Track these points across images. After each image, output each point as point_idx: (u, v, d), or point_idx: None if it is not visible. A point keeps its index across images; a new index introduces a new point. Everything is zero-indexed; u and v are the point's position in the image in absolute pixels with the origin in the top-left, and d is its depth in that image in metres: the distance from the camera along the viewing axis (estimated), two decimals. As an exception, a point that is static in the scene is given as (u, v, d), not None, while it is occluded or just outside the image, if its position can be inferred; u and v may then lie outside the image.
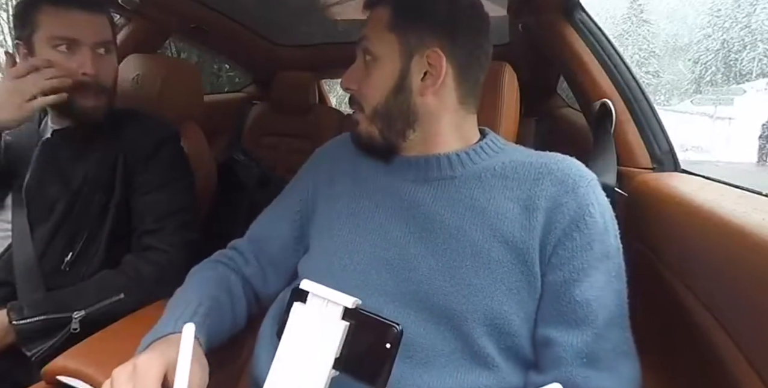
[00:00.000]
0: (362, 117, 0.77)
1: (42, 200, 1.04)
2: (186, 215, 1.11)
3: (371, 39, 0.74)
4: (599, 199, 0.69)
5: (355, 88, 0.77)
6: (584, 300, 0.64)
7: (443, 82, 0.73)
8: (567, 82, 1.31)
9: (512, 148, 0.79)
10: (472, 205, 0.70)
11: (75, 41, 1.01)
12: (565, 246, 0.65)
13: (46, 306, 0.92)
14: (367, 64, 0.75)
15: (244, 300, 0.82)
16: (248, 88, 2.69)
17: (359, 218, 0.76)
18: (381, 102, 0.74)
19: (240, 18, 2.06)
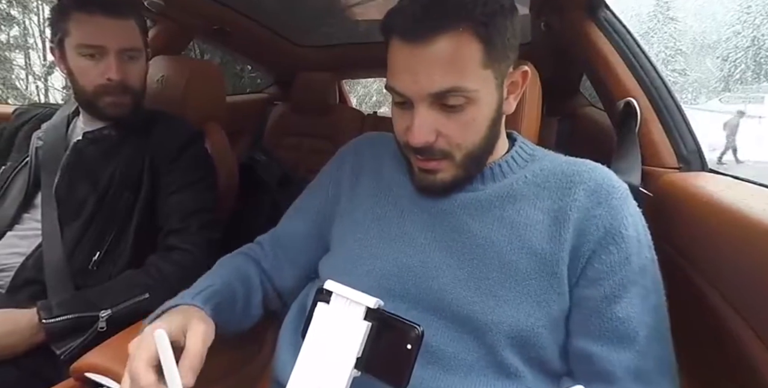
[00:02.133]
0: (449, 165, 0.69)
1: (71, 199, 1.07)
2: (209, 214, 1.14)
3: (467, 85, 0.63)
4: (632, 210, 0.67)
5: (433, 139, 0.66)
6: (625, 317, 0.63)
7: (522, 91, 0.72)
8: (590, 81, 1.29)
9: (542, 153, 0.77)
10: (501, 216, 0.69)
11: (101, 48, 1.06)
12: (601, 260, 0.64)
13: (74, 305, 0.94)
14: (452, 110, 0.65)
15: (260, 290, 0.84)
16: (270, 88, 2.71)
17: (384, 223, 0.76)
18: (479, 143, 0.68)
19: (262, 19, 2.08)
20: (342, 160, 0.90)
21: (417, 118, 0.65)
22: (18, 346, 0.91)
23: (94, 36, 1.05)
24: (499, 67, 0.66)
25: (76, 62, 1.07)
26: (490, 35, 0.63)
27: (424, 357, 0.53)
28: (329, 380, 0.53)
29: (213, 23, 1.89)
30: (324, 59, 2.42)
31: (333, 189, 0.86)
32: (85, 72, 1.07)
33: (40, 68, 10.86)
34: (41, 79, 10.77)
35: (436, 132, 0.66)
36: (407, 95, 0.65)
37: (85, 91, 1.09)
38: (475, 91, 0.64)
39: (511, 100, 0.71)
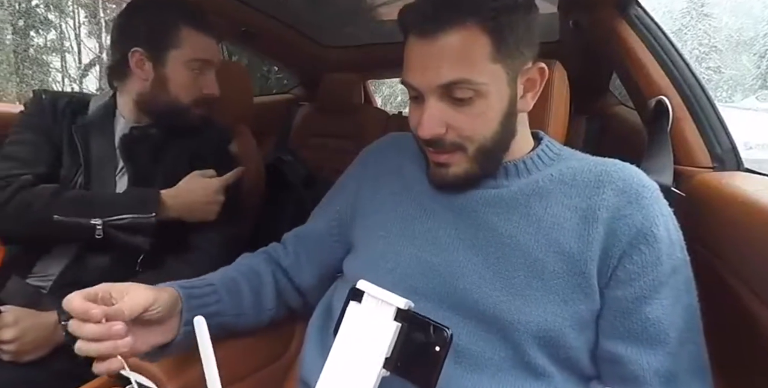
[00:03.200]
0: (461, 158, 0.69)
1: None
2: (230, 210, 1.13)
3: (475, 78, 0.64)
4: (663, 210, 0.66)
5: (443, 132, 0.67)
6: (656, 318, 0.62)
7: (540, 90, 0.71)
8: (620, 80, 1.27)
9: (569, 153, 0.76)
10: (527, 213, 0.68)
11: (208, 63, 1.12)
12: (633, 260, 0.63)
13: None
14: (461, 103, 0.66)
15: (272, 286, 0.84)
16: (296, 89, 2.73)
17: (407, 221, 0.75)
18: (490, 137, 0.68)
19: (288, 21, 2.10)
20: (365, 160, 0.90)
21: (426, 110, 0.66)
22: (42, 346, 0.93)
23: (206, 52, 1.11)
24: (512, 62, 0.66)
25: (179, 74, 1.09)
26: (500, 30, 0.64)
27: (451, 356, 0.53)
28: (358, 378, 0.53)
29: (241, 25, 1.92)
30: (349, 60, 2.43)
31: (356, 189, 0.86)
32: (186, 85, 1.10)
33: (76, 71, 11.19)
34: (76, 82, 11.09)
35: (445, 124, 0.67)
36: (417, 88, 0.67)
37: (177, 101, 1.10)
38: (483, 84, 0.64)
39: (528, 98, 0.71)
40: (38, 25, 11.08)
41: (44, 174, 1.05)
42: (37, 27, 11.08)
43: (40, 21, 11.11)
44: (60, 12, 11.31)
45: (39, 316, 0.94)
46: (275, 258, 0.88)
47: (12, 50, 10.55)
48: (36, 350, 0.93)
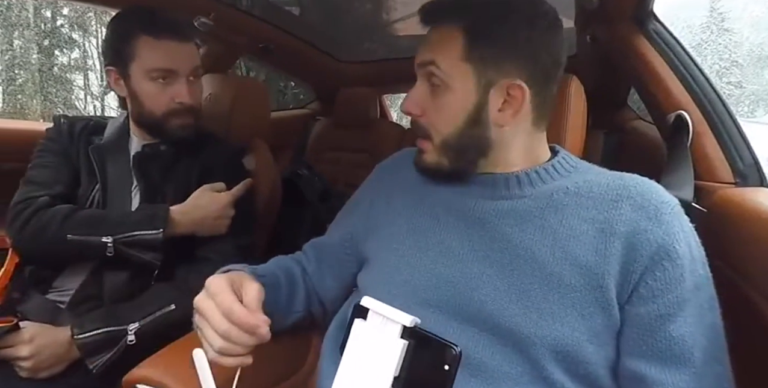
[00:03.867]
0: (429, 146, 0.74)
1: None
2: (241, 223, 1.14)
3: (442, 67, 0.69)
4: (684, 226, 0.64)
5: (418, 113, 0.73)
6: (680, 336, 0.60)
7: (522, 109, 0.70)
8: (638, 94, 1.26)
9: (586, 167, 0.75)
10: (542, 225, 0.67)
11: (172, 72, 1.07)
12: (655, 276, 0.61)
13: (103, 320, 0.96)
14: (434, 90, 0.71)
15: (304, 288, 0.85)
16: (312, 104, 2.76)
17: (419, 233, 0.75)
18: (453, 133, 0.71)
19: (306, 37, 2.13)
20: (380, 174, 0.91)
21: (413, 88, 0.74)
22: (58, 362, 0.94)
23: (166, 60, 1.07)
24: (485, 68, 0.68)
25: (143, 86, 1.08)
26: (475, 35, 0.68)
27: (467, 369, 0.53)
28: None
29: (259, 41, 1.95)
30: (366, 75, 2.45)
31: (370, 204, 0.86)
32: (154, 96, 1.08)
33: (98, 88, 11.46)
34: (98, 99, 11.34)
35: (421, 107, 0.73)
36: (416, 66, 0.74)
37: (152, 114, 1.10)
38: (449, 76, 0.69)
39: (507, 114, 0.70)
40: (62, 44, 11.40)
41: (62, 194, 1.08)
42: (62, 46, 11.40)
43: (65, 40, 11.43)
44: (84, 31, 11.62)
45: (55, 332, 0.95)
46: (302, 263, 0.89)
47: (37, 69, 10.85)
48: (52, 367, 0.94)
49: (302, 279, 0.86)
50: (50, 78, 11.16)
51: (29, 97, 10.78)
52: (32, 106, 10.71)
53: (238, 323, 0.59)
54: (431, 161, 0.74)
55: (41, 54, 11.06)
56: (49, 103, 11.00)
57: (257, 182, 1.33)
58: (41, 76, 10.92)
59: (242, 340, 0.60)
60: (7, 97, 10.94)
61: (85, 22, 11.50)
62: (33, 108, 10.68)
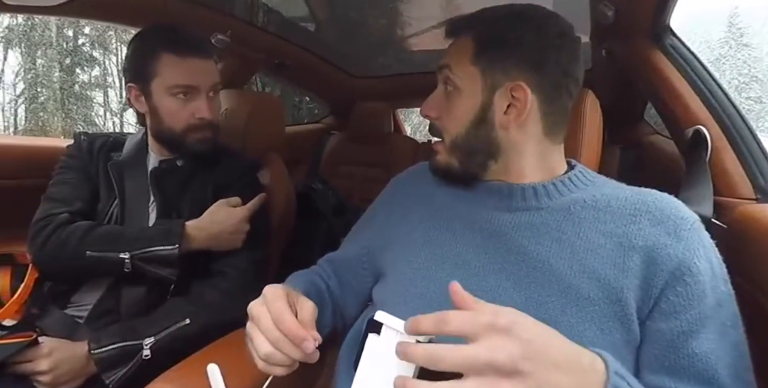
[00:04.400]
0: (442, 147, 0.77)
1: None
2: (256, 238, 1.14)
3: (454, 70, 0.73)
4: (705, 242, 0.63)
5: (434, 115, 0.77)
6: (703, 353, 0.58)
7: (528, 115, 0.71)
8: (655, 109, 1.25)
9: (603, 180, 0.75)
10: (559, 237, 0.66)
11: (193, 88, 1.09)
12: (677, 292, 0.60)
13: (119, 334, 0.96)
14: (448, 94, 0.75)
15: (330, 303, 0.85)
16: (327, 118, 2.78)
17: (436, 246, 0.75)
18: (461, 134, 0.73)
19: (321, 52, 2.16)
20: (395, 188, 0.91)
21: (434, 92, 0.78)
22: (75, 377, 0.94)
23: (187, 77, 1.08)
24: (491, 71, 0.71)
25: (164, 102, 1.09)
26: (486, 42, 0.71)
27: None
28: None
29: (274, 57, 1.98)
30: (380, 89, 2.47)
31: (385, 218, 0.86)
32: (174, 111, 1.09)
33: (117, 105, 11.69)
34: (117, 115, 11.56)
35: (436, 110, 0.76)
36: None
37: (172, 130, 1.10)
38: (459, 79, 0.73)
39: (512, 116, 0.71)
40: (83, 62, 11.69)
41: (82, 210, 1.10)
42: (83, 64, 11.68)
43: (86, 59, 11.72)
44: (104, 49, 11.91)
45: (73, 347, 0.95)
46: (324, 278, 0.88)
47: (59, 87, 11.10)
48: (70, 381, 0.94)
49: (328, 294, 0.85)
50: (71, 95, 11.42)
51: (51, 114, 11.03)
52: (53, 124, 10.95)
53: (289, 332, 0.59)
54: (442, 161, 0.77)
55: (63, 72, 11.35)
56: (69, 120, 11.24)
57: (272, 196, 1.34)
58: (62, 94, 11.18)
59: (289, 350, 0.59)
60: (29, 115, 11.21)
61: (105, 41, 11.79)
62: (54, 125, 10.92)
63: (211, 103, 1.12)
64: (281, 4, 1.85)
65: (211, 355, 0.88)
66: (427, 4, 1.88)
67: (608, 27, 1.17)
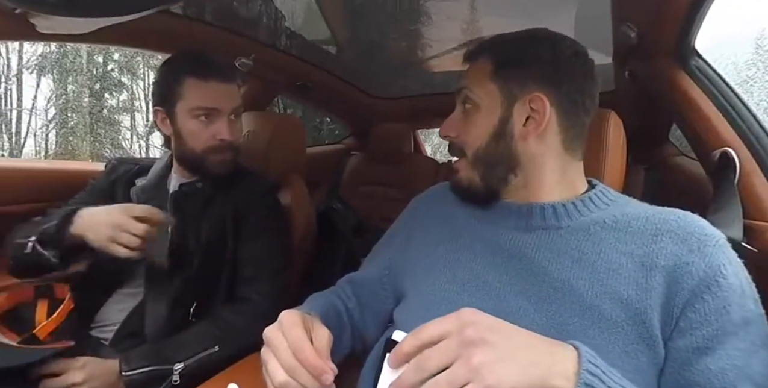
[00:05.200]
0: (463, 163, 0.77)
1: (183, 254, 1.10)
2: (279, 261, 1.16)
3: (472, 89, 0.75)
4: (732, 260, 0.61)
5: (453, 135, 0.78)
6: (719, 369, 0.56)
7: (547, 127, 0.71)
8: (681, 130, 1.23)
9: (624, 200, 0.74)
10: (580, 258, 0.66)
11: (215, 110, 1.12)
12: (695, 309, 0.58)
13: (149, 357, 0.97)
14: (466, 112, 0.76)
15: (349, 325, 0.84)
16: (347, 139, 2.80)
17: (456, 267, 0.74)
18: (482, 147, 0.74)
19: (342, 74, 2.18)
20: (415, 209, 0.91)
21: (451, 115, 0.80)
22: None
23: (210, 99, 1.11)
24: (508, 86, 0.73)
25: (187, 124, 1.12)
26: (503, 60, 0.74)
27: None
28: None
29: (296, 79, 2.01)
30: (400, 110, 2.48)
31: (406, 238, 0.86)
32: (196, 133, 1.12)
33: (143, 128, 11.99)
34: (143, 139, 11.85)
35: (455, 129, 0.78)
36: None
37: (193, 151, 1.13)
38: (478, 96, 0.74)
39: (531, 127, 0.72)
40: (112, 87, 12.06)
41: None
42: (111, 89, 12.05)
43: (114, 84, 12.09)
44: (132, 74, 12.28)
45: (105, 364, 0.97)
46: (343, 299, 0.87)
47: (88, 112, 11.44)
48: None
49: (347, 316, 0.85)
50: (100, 120, 11.76)
51: (80, 138, 11.35)
52: (82, 147, 11.26)
53: (306, 363, 0.58)
54: (465, 178, 0.77)
55: (92, 97, 11.70)
56: (98, 143, 11.55)
57: (293, 217, 1.35)
58: (91, 119, 11.51)
59: (305, 380, 0.58)
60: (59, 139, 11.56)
61: (133, 66, 12.16)
62: (83, 149, 11.23)
63: (232, 126, 1.15)
64: (304, 27, 1.88)
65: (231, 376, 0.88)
66: (447, 26, 1.89)
67: (631, 48, 1.16)
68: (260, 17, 1.67)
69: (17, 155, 11.02)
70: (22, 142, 11.42)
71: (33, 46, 10.74)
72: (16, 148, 11.13)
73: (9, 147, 11.11)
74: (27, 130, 11.54)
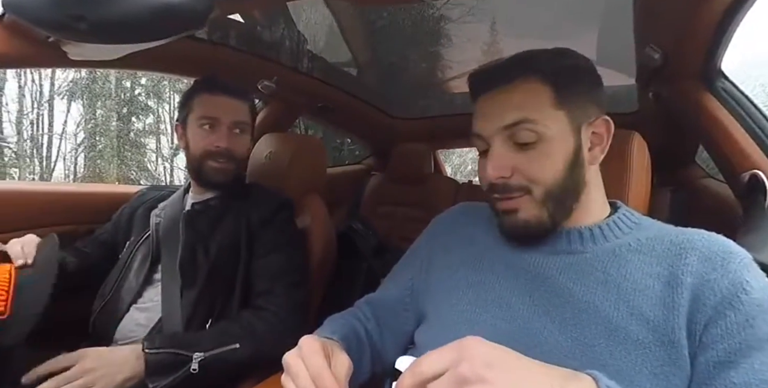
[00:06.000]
0: (526, 201, 0.70)
1: (191, 269, 1.14)
2: (294, 276, 1.17)
3: (536, 120, 0.68)
4: (757, 277, 0.60)
5: (508, 174, 0.70)
6: (743, 383, 0.54)
7: (606, 144, 0.72)
8: (708, 152, 1.21)
9: (649, 223, 0.72)
10: (605, 280, 0.64)
11: (216, 120, 1.20)
12: (717, 324, 0.57)
13: (173, 342, 0.99)
14: (525, 147, 0.69)
15: (368, 348, 0.82)
16: (367, 159, 2.81)
17: (479, 288, 0.73)
18: (558, 180, 0.69)
19: (362, 95, 2.21)
20: (436, 229, 0.90)
21: (491, 154, 0.70)
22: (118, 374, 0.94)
23: (212, 110, 1.21)
24: (574, 112, 0.69)
25: (193, 132, 1.22)
26: (561, 82, 0.68)
27: None
28: None
29: (318, 101, 2.03)
30: (420, 131, 2.49)
31: (427, 258, 0.85)
32: (198, 140, 1.21)
33: (168, 151, 12.26)
34: (168, 161, 12.11)
35: (511, 168, 0.69)
36: (482, 134, 0.72)
37: (194, 157, 1.22)
38: (545, 126, 0.67)
39: (596, 151, 0.72)
40: (139, 111, 12.39)
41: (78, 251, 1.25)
42: (138, 113, 12.38)
43: (141, 107, 12.43)
44: (158, 98, 12.60)
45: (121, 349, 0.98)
46: (363, 321, 0.86)
47: (115, 135, 11.77)
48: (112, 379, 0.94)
49: (366, 339, 0.83)
50: (126, 143, 12.05)
51: (107, 161, 11.65)
52: (109, 170, 11.54)
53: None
54: (531, 217, 0.70)
55: (120, 121, 12.02)
56: (124, 166, 11.82)
57: (313, 237, 1.35)
58: (119, 142, 11.81)
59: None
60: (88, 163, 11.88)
61: (160, 90, 12.49)
62: (110, 172, 11.51)
63: (232, 136, 1.23)
64: (325, 50, 1.92)
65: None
66: (467, 48, 1.91)
67: (655, 69, 1.16)
68: (283, 41, 1.71)
69: (47, 179, 11.30)
70: (53, 166, 11.73)
71: (64, 73, 11.15)
72: (46, 172, 11.42)
73: (40, 171, 11.39)
74: (57, 154, 11.86)
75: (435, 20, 1.83)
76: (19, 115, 11.13)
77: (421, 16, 1.81)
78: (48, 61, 1.11)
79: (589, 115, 0.70)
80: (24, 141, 11.23)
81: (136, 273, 1.17)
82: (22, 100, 11.14)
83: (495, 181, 0.70)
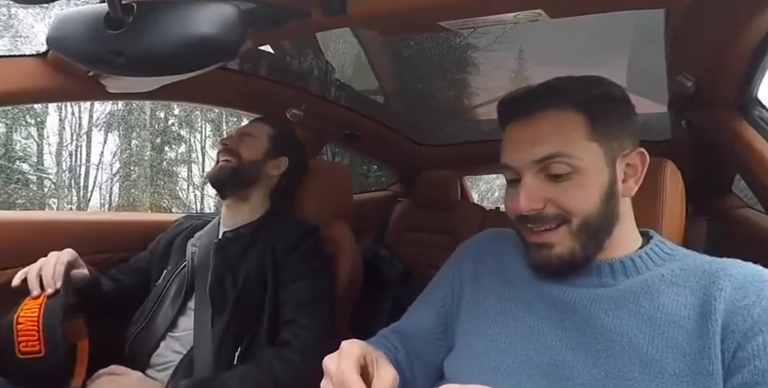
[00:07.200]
0: (561, 234, 0.68)
1: (220, 298, 1.15)
2: (320, 305, 1.16)
3: (571, 153, 0.66)
4: None
5: (541, 206, 0.68)
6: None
7: (640, 176, 0.71)
8: (745, 182, 1.18)
9: (683, 253, 0.70)
10: (638, 311, 0.63)
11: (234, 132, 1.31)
12: (744, 348, 0.55)
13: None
14: (558, 179, 0.67)
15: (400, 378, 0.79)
16: (394, 186, 2.81)
17: (509, 318, 0.72)
18: (594, 211, 0.67)
19: (388, 122, 2.22)
20: (463, 255, 0.88)
21: (523, 186, 0.68)
22: None
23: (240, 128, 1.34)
24: (609, 143, 0.67)
25: None
26: (595, 112, 0.67)
27: None
28: None
29: (345, 128, 2.05)
30: (447, 157, 2.49)
31: (455, 285, 0.84)
32: None
33: (199, 179, 12.56)
34: (199, 189, 12.39)
35: (544, 199, 0.67)
36: (513, 166, 0.70)
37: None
38: (579, 159, 0.66)
39: (630, 183, 0.71)
40: (172, 141, 12.78)
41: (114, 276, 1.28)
42: (171, 143, 12.77)
43: (174, 137, 12.81)
44: (190, 128, 12.98)
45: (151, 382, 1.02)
46: (390, 349, 0.84)
47: (149, 164, 12.13)
48: None
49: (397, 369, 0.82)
50: (159, 172, 12.39)
51: (141, 190, 11.97)
52: (143, 199, 11.84)
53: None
54: (565, 252, 0.68)
55: (153, 151, 12.39)
56: (156, 194, 12.13)
57: (339, 264, 1.34)
58: (152, 171, 12.16)
59: None
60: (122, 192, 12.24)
61: (192, 120, 12.87)
62: (143, 200, 11.81)
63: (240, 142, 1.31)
64: (353, 78, 1.95)
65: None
66: (495, 75, 1.92)
67: (688, 97, 1.14)
68: (311, 70, 1.75)
69: (84, 208, 11.66)
70: (89, 195, 12.11)
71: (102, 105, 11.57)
72: (83, 202, 11.78)
73: (77, 200, 11.76)
74: (93, 184, 12.27)
75: (462, 48, 1.85)
76: (59, 147, 11.57)
77: (448, 45, 1.83)
78: (88, 94, 1.16)
79: (624, 147, 0.69)
80: (63, 172, 11.65)
81: (171, 302, 1.19)
82: (62, 132, 11.60)
83: (527, 213, 0.68)
